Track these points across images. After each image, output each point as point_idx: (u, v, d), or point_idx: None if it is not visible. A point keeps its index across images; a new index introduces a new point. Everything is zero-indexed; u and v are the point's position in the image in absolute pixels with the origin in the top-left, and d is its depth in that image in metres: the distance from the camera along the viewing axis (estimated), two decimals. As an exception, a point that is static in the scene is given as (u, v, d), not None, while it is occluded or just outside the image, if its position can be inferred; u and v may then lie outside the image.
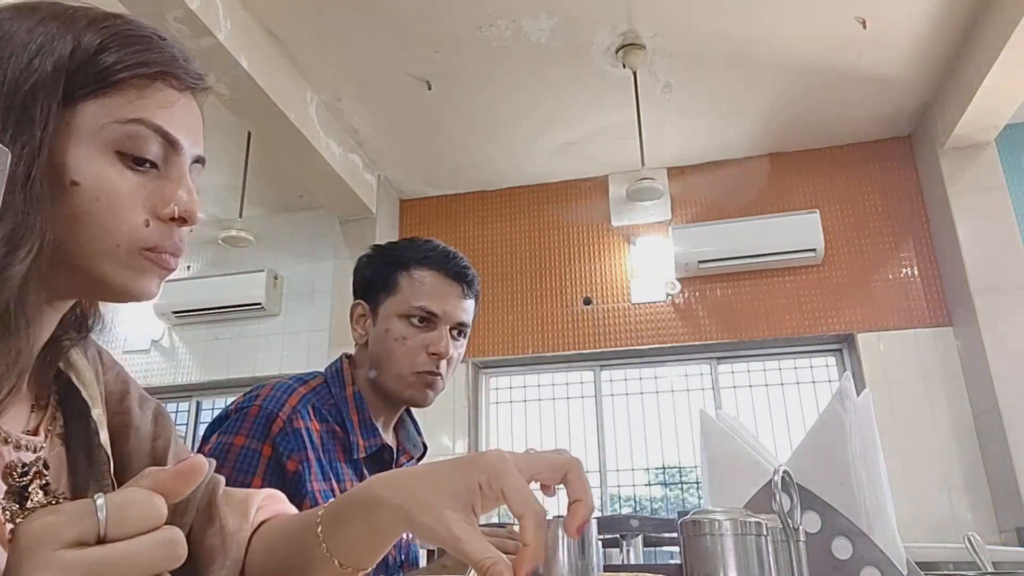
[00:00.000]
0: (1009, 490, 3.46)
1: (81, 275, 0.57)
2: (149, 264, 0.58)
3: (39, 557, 0.37)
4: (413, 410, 1.40)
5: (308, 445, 1.08)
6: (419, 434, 1.32)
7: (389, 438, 1.23)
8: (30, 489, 0.55)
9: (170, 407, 4.92)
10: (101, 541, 0.38)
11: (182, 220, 0.59)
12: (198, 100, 0.63)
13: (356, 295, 1.28)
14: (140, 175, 0.57)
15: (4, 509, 0.53)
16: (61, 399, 0.65)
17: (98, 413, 0.65)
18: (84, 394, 0.64)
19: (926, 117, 4.06)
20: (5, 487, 0.54)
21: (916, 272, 4.08)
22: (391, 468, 1.20)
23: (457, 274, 1.25)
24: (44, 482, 0.57)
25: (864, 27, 3.41)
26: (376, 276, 1.25)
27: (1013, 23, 3.06)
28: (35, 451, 0.59)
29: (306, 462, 1.06)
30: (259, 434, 1.05)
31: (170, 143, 0.58)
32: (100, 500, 0.39)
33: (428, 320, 1.20)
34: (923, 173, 4.18)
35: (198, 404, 4.83)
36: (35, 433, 0.60)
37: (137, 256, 0.57)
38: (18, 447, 0.57)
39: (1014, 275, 3.73)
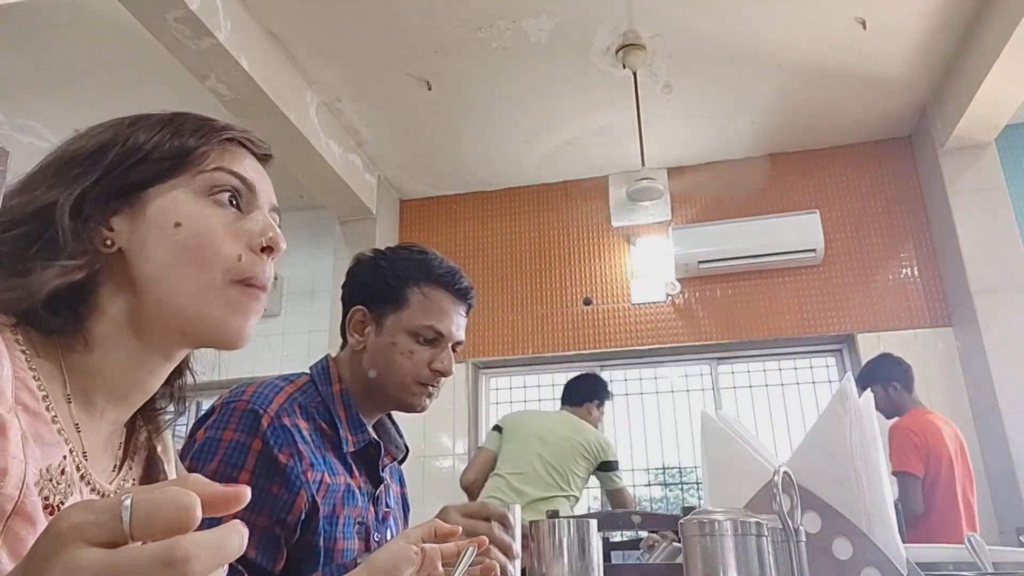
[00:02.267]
0: (1009, 490, 3.46)
1: (184, 316, 0.65)
2: (243, 297, 0.67)
3: (62, 553, 0.36)
4: (396, 415, 1.41)
5: (298, 440, 1.07)
6: (400, 435, 1.32)
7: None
8: None
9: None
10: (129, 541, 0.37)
11: (270, 249, 0.69)
12: (264, 165, 0.75)
13: (354, 299, 1.26)
14: (228, 213, 0.68)
15: None
16: (149, 465, 0.73)
17: None
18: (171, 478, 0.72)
19: (926, 117, 4.06)
20: None
21: (916, 272, 4.08)
22: (377, 465, 1.21)
23: (463, 294, 1.28)
24: None
25: (864, 27, 3.41)
26: (382, 286, 1.24)
27: (1013, 23, 3.06)
28: (103, 497, 0.64)
29: (297, 456, 1.06)
30: (248, 429, 1.04)
31: (247, 186, 0.70)
32: (127, 500, 0.36)
33: (434, 339, 1.22)
34: (923, 173, 4.18)
35: (198, 404, 4.82)
36: (111, 484, 0.67)
37: (232, 288, 0.66)
38: (94, 491, 0.64)
39: (1014, 275, 3.73)
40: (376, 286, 1.25)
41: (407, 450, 1.32)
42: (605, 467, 3.23)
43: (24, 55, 3.57)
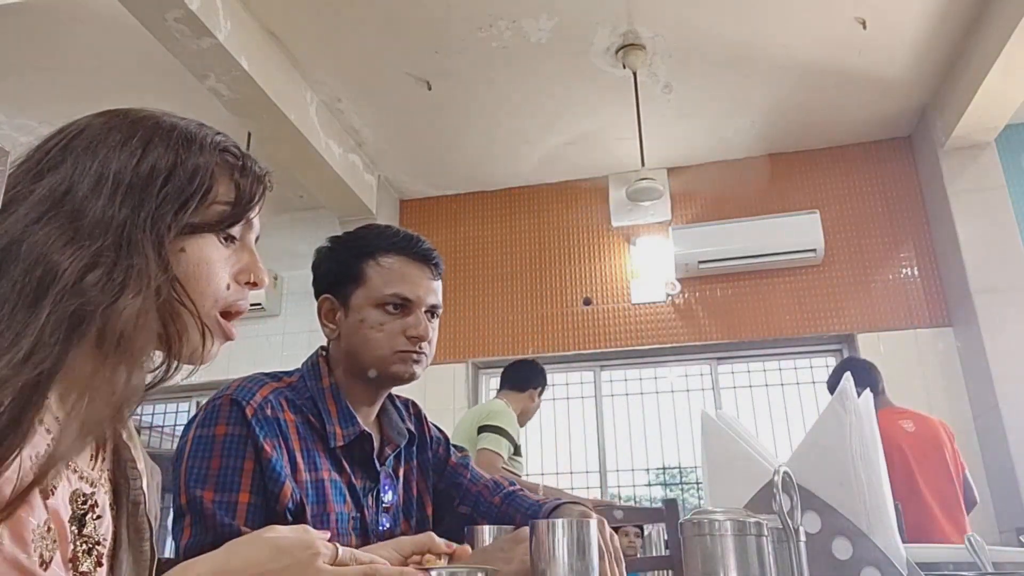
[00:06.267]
0: (1009, 490, 3.46)
1: (173, 328, 0.69)
2: (219, 330, 0.72)
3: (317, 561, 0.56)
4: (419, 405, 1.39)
5: (280, 433, 1.07)
6: (403, 420, 1.28)
7: (371, 428, 1.21)
8: (86, 518, 0.65)
9: (169, 407, 4.92)
10: None
11: (254, 285, 0.75)
12: None
13: (320, 290, 1.25)
14: (228, 248, 0.72)
15: (69, 530, 0.62)
16: (115, 455, 0.74)
17: (145, 483, 0.75)
18: (139, 465, 0.75)
19: (926, 117, 4.06)
20: (70, 511, 0.63)
21: (916, 272, 4.08)
22: (372, 459, 1.18)
23: (424, 257, 1.23)
24: (96, 515, 0.66)
25: (864, 27, 3.41)
26: (341, 268, 1.22)
27: (1013, 23, 3.06)
28: (92, 485, 0.68)
29: (279, 448, 1.06)
30: (237, 421, 1.04)
31: (248, 224, 0.75)
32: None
33: (403, 306, 1.19)
34: (923, 173, 4.18)
35: (197, 404, 4.82)
36: (92, 471, 0.70)
37: (215, 319, 0.71)
38: (81, 478, 0.66)
39: (1014, 275, 3.73)
40: (335, 270, 1.23)
41: (412, 436, 1.28)
42: (480, 429, 2.97)
43: (24, 55, 3.57)
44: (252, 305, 5.04)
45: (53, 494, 0.61)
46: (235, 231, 0.73)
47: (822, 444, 0.90)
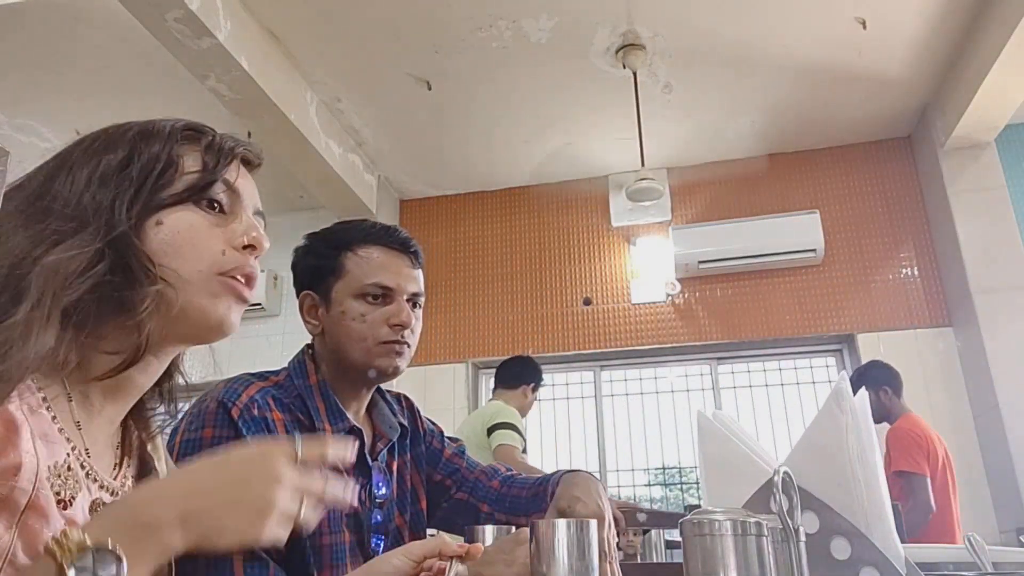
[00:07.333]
0: (1009, 490, 3.46)
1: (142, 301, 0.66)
2: (226, 289, 0.69)
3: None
4: (412, 399, 1.39)
5: (268, 432, 1.07)
6: (394, 414, 1.27)
7: (362, 423, 1.20)
8: None
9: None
10: None
11: (252, 248, 0.71)
12: (252, 174, 0.78)
13: (301, 287, 1.25)
14: (213, 216, 0.70)
15: None
16: (141, 464, 0.75)
17: None
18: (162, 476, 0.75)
19: (926, 117, 4.06)
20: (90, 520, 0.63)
21: (916, 272, 4.08)
22: (364, 454, 1.17)
23: (402, 245, 1.23)
24: None
25: (864, 27, 3.41)
26: (320, 263, 1.22)
27: (1013, 23, 3.06)
28: (113, 495, 0.68)
29: None
30: (223, 423, 1.04)
31: (233, 191, 0.73)
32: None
33: (383, 296, 1.19)
34: (923, 173, 4.18)
35: (198, 404, 4.82)
36: (114, 481, 0.70)
37: (215, 280, 0.68)
38: (102, 487, 0.67)
39: (1014, 275, 3.73)
40: (314, 265, 1.23)
41: (404, 429, 1.27)
42: (490, 431, 3.02)
43: (24, 55, 3.57)
44: (252, 305, 5.05)
45: (72, 504, 0.61)
46: (219, 196, 0.71)
47: (819, 444, 0.91)
